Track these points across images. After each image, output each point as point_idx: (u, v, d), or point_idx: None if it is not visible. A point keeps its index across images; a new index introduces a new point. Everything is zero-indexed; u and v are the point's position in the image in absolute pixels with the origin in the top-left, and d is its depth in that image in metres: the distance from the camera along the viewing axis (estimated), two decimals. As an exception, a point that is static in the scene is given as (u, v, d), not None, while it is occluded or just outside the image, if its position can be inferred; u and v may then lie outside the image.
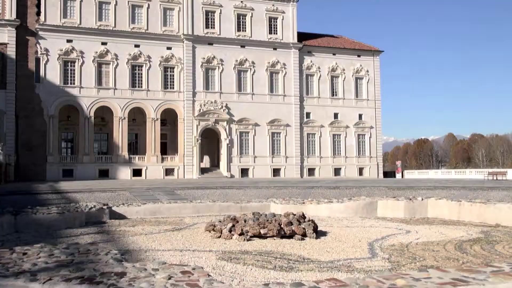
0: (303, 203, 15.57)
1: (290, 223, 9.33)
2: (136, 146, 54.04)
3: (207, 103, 52.29)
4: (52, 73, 47.78)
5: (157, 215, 14.57)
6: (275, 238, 9.08)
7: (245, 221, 9.40)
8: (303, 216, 9.94)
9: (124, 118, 50.01)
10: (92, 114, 48.94)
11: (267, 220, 9.43)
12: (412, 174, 57.44)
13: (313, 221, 9.73)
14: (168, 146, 54.45)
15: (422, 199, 14.50)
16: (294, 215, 9.87)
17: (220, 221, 9.82)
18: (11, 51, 45.96)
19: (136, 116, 52.24)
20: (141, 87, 50.92)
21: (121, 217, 14.07)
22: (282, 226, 9.21)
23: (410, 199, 14.66)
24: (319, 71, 57.86)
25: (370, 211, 14.47)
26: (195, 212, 15.23)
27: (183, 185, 27.48)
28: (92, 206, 14.04)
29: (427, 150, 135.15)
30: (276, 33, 56.11)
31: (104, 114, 51.00)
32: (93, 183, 35.06)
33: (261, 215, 9.96)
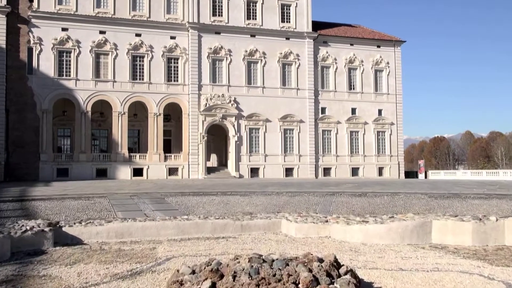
0: (326, 221, 11.38)
1: (315, 281, 5.20)
2: (139, 143, 50.25)
3: (213, 97, 48.25)
4: (46, 64, 44.11)
5: (125, 238, 10.49)
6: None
7: (234, 277, 5.27)
8: (336, 263, 5.77)
9: (124, 113, 46.18)
10: (89, 108, 45.18)
11: (274, 275, 5.31)
12: (437, 175, 52.83)
13: (354, 275, 5.58)
14: (172, 144, 50.55)
15: (497, 219, 10.24)
16: (321, 262, 5.69)
17: (193, 273, 5.69)
18: (1, 40, 42.44)
19: (138, 111, 48.41)
20: (143, 79, 47.04)
21: (74, 241, 10.01)
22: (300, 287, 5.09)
23: (480, 219, 10.40)
24: (336, 63, 53.49)
25: (422, 235, 10.22)
26: (179, 233, 11.12)
27: (180, 189, 23.50)
28: (30, 227, 9.99)
29: (443, 148, 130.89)
30: (289, 22, 51.84)
31: (103, 109, 47.25)
32: (85, 185, 31.31)
33: (264, 261, 5.78)
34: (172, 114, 49.94)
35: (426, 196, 18.07)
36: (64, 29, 44.85)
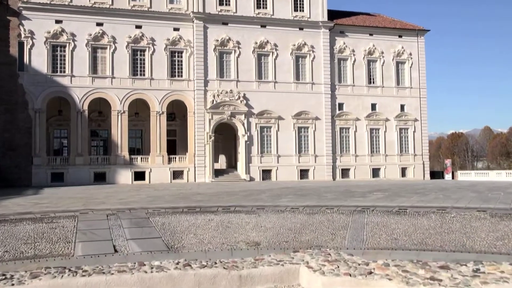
0: (370, 272, 7.31)
1: None
2: (142, 144, 46.55)
3: (221, 93, 44.34)
4: (39, 59, 40.65)
5: (56, 305, 6.60)
6: None
7: None
8: None
9: (124, 112, 42.51)
10: (86, 107, 41.59)
11: None
12: (467, 176, 48.05)
13: None
14: (177, 145, 46.77)
15: None
16: None
17: None
18: (-11, 34, 38.92)
19: (140, 109, 44.69)
20: (144, 75, 43.32)
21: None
22: None
23: None
24: (354, 55, 49.22)
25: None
26: (143, 293, 7.20)
27: (175, 202, 19.66)
28: None
29: (462, 145, 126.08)
30: (303, 10, 47.68)
31: (102, 108, 43.63)
32: (73, 193, 27.73)
33: None
34: (177, 112, 46.16)
35: (486, 214, 13.91)
36: (58, 21, 41.33)
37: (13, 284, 6.71)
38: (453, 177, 51.83)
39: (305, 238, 11.91)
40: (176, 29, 44.22)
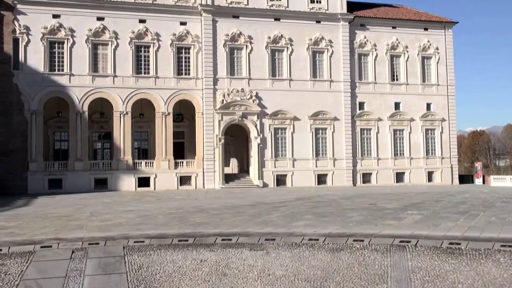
0: None
1: None
2: (149, 147, 43.41)
3: (232, 92, 40.99)
4: (35, 57, 37.76)
5: None
6: None
7: None
8: None
9: (127, 113, 39.44)
10: (85, 108, 38.60)
11: None
12: (502, 181, 43.80)
13: None
14: (186, 147, 43.58)
15: None
16: None
17: None
18: (-19, 30, 36.19)
19: (145, 110, 41.59)
20: (148, 73, 40.18)
21: None
22: None
23: None
24: (375, 50, 45.44)
25: None
26: None
27: (167, 227, 16.40)
28: None
29: (483, 143, 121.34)
30: (320, 2, 44.05)
31: (104, 109, 40.63)
32: (62, 204, 24.72)
33: None
34: (185, 112, 42.95)
35: None
36: (55, 16, 38.38)
37: None
38: (483, 182, 47.64)
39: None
40: (183, 23, 40.97)
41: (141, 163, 39.77)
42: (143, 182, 39.14)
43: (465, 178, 50.09)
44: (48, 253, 11.60)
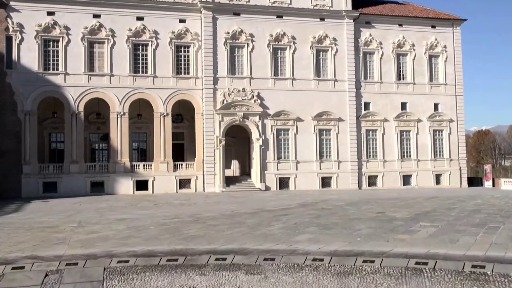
0: None
1: None
2: (147, 149, 42.12)
3: (232, 92, 39.67)
4: (28, 55, 36.59)
5: None
6: None
7: None
8: None
9: (124, 114, 38.17)
10: (81, 108, 37.39)
11: None
12: (512, 184, 42.50)
13: None
14: (185, 149, 42.27)
15: None
16: None
17: None
18: (-27, 28, 34.99)
19: (143, 110, 40.33)
20: (146, 72, 38.92)
21: None
22: None
23: None
24: (381, 48, 44.02)
25: None
26: None
27: (157, 241, 15.13)
28: None
29: (488, 143, 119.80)
30: (324, -1, 42.68)
31: (101, 109, 39.37)
32: (58, 209, 23.51)
33: None
34: (184, 113, 41.68)
35: None
36: (50, 13, 37.20)
37: None
38: (493, 185, 46.14)
39: None
40: (182, 21, 39.69)
41: (139, 165, 38.51)
42: (141, 185, 37.88)
43: (474, 181, 48.58)
44: (17, 277, 10.26)
